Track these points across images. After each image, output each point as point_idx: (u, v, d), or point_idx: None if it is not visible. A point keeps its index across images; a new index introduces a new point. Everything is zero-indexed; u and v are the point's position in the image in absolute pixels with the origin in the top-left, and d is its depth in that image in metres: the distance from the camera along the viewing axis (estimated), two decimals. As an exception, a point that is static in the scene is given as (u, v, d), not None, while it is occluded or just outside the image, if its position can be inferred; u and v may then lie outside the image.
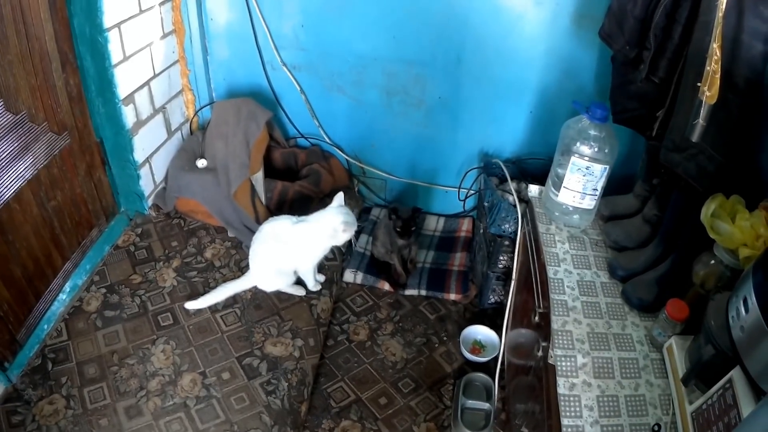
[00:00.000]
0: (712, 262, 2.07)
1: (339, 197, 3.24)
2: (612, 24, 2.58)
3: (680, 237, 2.32)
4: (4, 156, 2.63)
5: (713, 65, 1.79)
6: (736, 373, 1.59)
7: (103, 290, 3.22)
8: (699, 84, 1.88)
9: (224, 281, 3.32)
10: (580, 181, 2.62)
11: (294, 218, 3.23)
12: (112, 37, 3.06)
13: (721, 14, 1.76)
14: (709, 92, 1.82)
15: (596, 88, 3.40)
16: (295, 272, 3.33)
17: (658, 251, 2.45)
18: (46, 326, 2.99)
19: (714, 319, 1.77)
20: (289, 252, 3.20)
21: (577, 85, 3.44)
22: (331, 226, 3.12)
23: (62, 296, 3.13)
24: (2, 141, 2.62)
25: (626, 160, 3.16)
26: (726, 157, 1.98)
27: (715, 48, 1.78)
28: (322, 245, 3.24)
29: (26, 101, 2.75)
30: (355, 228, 3.22)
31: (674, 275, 2.30)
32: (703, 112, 1.87)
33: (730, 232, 1.95)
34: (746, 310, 1.57)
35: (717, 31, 1.78)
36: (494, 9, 3.36)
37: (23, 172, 2.77)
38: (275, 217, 3.28)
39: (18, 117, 2.70)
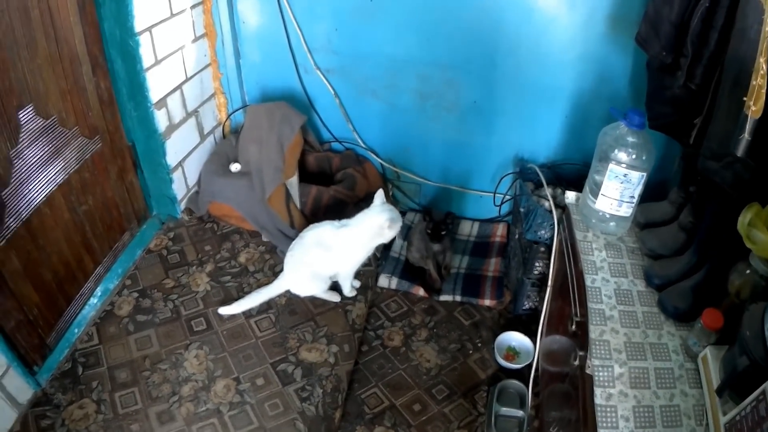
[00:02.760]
0: (748, 271, 2.05)
1: (380, 195, 3.24)
2: (648, 29, 2.55)
3: (716, 245, 2.29)
4: (34, 161, 2.65)
5: (759, 80, 1.75)
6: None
7: (135, 294, 3.23)
8: (739, 94, 1.85)
9: (258, 286, 3.31)
10: (617, 189, 2.59)
11: (336, 223, 3.25)
12: (144, 40, 3.06)
13: (767, 28, 1.72)
14: (755, 106, 1.77)
15: (631, 93, 3.37)
16: (331, 278, 3.32)
17: (693, 259, 2.42)
18: (76, 330, 3.00)
19: (749, 329, 1.74)
20: (334, 257, 3.21)
21: (612, 89, 3.41)
22: (377, 224, 3.14)
23: (93, 300, 3.14)
24: (33, 146, 2.63)
25: (660, 165, 3.11)
26: (763, 165, 1.94)
27: (762, 62, 1.74)
28: (369, 245, 3.26)
29: (56, 105, 2.76)
30: (400, 223, 3.23)
31: (710, 284, 2.27)
32: (748, 126, 1.83)
33: (766, 241, 1.92)
34: (782, 322, 1.54)
35: (764, 45, 1.74)
36: (528, 12, 3.34)
37: (54, 176, 2.78)
38: (316, 224, 3.29)
39: (48, 121, 2.71)
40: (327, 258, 3.20)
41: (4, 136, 2.47)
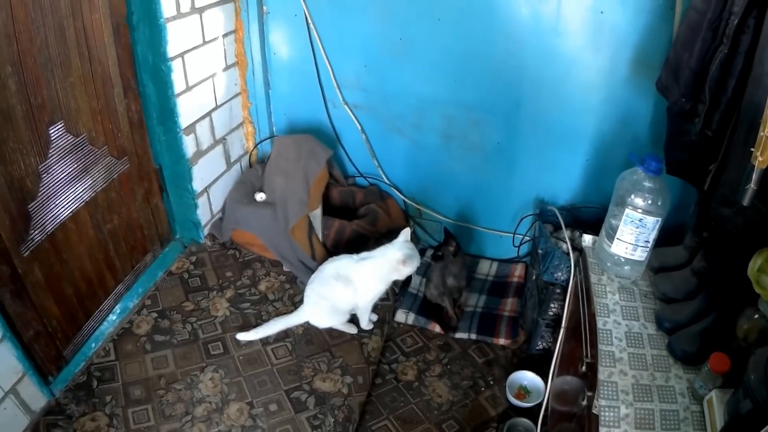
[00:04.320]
0: (756, 316, 2.06)
1: (405, 233, 3.29)
2: (668, 75, 2.58)
3: (726, 291, 2.31)
4: (62, 176, 2.70)
5: (766, 131, 1.77)
6: (772, 429, 1.57)
7: (154, 315, 3.26)
8: (752, 149, 1.86)
9: (277, 315, 3.35)
10: (633, 233, 2.61)
11: (355, 256, 3.30)
12: (176, 66, 3.12)
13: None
14: (761, 157, 1.78)
15: (651, 138, 3.38)
16: (350, 311, 3.36)
17: (704, 304, 2.43)
18: (93, 345, 3.03)
19: (754, 373, 1.75)
20: (352, 290, 3.24)
21: (633, 134, 3.43)
22: (394, 259, 3.17)
23: (112, 317, 3.18)
24: (62, 162, 2.68)
25: (676, 210, 3.09)
26: (774, 211, 1.96)
27: (768, 115, 1.77)
28: (386, 279, 3.27)
29: (87, 124, 2.81)
30: (417, 262, 3.25)
31: (719, 328, 2.28)
32: (754, 176, 1.85)
33: (775, 287, 1.93)
34: (786, 366, 1.56)
35: (772, 97, 1.77)
36: (553, 56, 3.38)
37: (81, 193, 2.83)
38: (335, 257, 3.33)
39: (78, 139, 2.77)
40: (346, 291, 3.22)
41: (35, 150, 2.52)
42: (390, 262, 3.19)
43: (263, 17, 3.78)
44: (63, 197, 2.72)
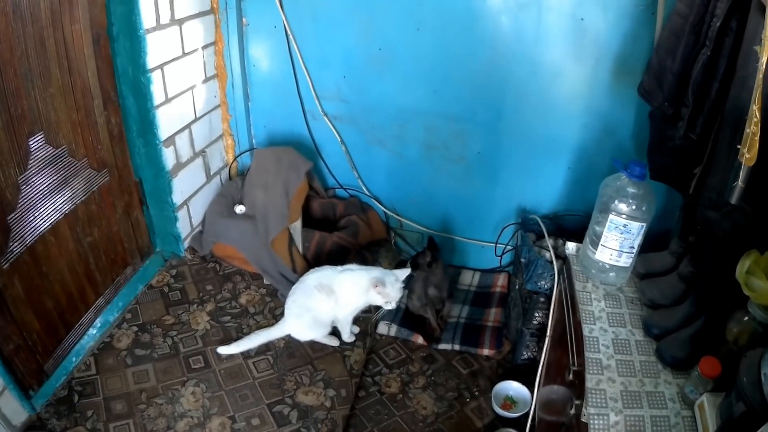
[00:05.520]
0: (746, 318, 2.05)
1: (403, 272, 3.29)
2: (651, 80, 2.58)
3: (715, 294, 2.30)
4: (42, 188, 2.68)
5: (753, 127, 1.75)
6: (766, 430, 1.56)
7: (135, 329, 3.24)
8: (737, 144, 1.85)
9: (258, 328, 3.32)
10: (617, 239, 2.60)
11: (338, 267, 3.28)
12: (155, 78, 3.11)
13: (761, 75, 1.73)
14: (749, 154, 1.77)
15: (634, 145, 3.38)
16: (331, 323, 3.33)
17: (692, 309, 2.42)
18: (74, 359, 3.00)
19: (746, 375, 1.74)
20: (334, 301, 3.21)
21: (616, 141, 3.44)
22: (371, 276, 3.16)
23: (93, 331, 3.15)
24: (41, 173, 2.66)
25: (662, 215, 3.11)
26: (761, 213, 1.95)
27: (755, 110, 1.75)
28: (362, 296, 3.23)
29: (67, 136, 2.79)
30: (391, 297, 3.19)
31: (708, 332, 2.27)
32: (742, 174, 1.84)
33: (764, 289, 1.92)
34: (779, 367, 1.55)
35: (757, 93, 1.75)
36: (534, 65, 3.38)
37: (61, 206, 2.81)
38: (317, 268, 3.32)
39: (58, 151, 2.75)
40: (328, 302, 3.20)
41: (14, 161, 2.50)
42: (369, 279, 3.16)
43: (243, 29, 3.77)
44: (43, 209, 2.70)
